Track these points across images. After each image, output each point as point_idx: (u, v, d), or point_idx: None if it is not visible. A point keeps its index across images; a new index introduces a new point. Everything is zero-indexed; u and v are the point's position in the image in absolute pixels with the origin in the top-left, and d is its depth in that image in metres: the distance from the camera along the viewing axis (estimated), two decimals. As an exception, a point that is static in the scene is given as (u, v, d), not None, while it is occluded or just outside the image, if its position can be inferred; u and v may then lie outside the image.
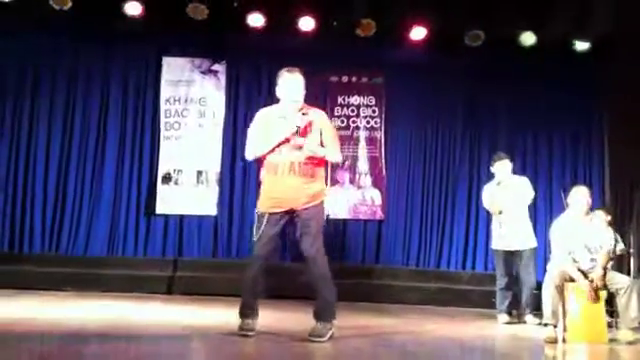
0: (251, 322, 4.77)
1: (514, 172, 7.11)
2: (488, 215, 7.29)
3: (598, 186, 8.79)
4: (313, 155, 4.74)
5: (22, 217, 8.40)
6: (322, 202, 4.82)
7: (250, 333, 4.72)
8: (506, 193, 6.86)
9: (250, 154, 4.92)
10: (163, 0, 8.23)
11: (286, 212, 4.75)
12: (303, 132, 4.73)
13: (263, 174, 4.88)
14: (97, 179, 8.61)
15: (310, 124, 4.77)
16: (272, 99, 8.74)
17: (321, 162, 4.86)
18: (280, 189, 4.73)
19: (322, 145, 4.81)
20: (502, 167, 6.96)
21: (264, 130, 4.82)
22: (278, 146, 4.72)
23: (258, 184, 8.26)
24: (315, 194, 4.78)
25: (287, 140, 4.71)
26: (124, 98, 8.80)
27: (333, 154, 4.90)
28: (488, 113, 9.14)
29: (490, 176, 8.83)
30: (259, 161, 4.92)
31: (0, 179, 8.39)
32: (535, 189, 7.17)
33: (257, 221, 4.76)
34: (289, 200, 4.72)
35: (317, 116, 4.88)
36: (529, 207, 7.03)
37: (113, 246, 8.54)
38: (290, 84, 4.85)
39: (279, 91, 4.92)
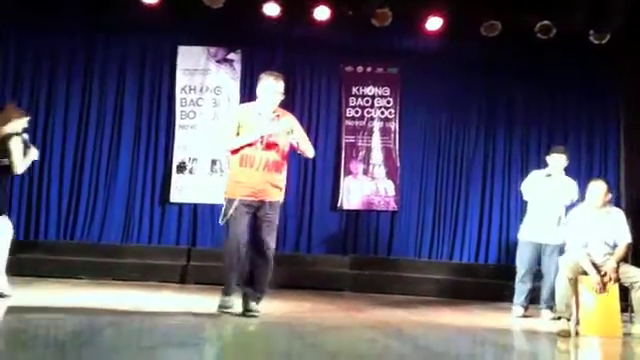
0: (231, 299, 5.25)
1: (566, 171, 6.92)
2: (519, 205, 7.16)
3: (613, 180, 8.70)
4: (297, 146, 5.28)
5: (37, 205, 8.47)
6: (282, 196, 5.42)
7: (232, 310, 5.20)
8: (550, 187, 6.73)
9: (227, 145, 5.37)
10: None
11: (257, 202, 5.22)
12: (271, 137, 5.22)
13: (235, 164, 5.27)
14: (112, 167, 8.65)
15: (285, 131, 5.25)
16: (287, 88, 8.81)
17: (286, 159, 5.41)
18: (256, 182, 5.19)
19: (291, 145, 5.34)
20: (557, 159, 6.79)
21: (240, 124, 5.26)
22: (254, 143, 5.19)
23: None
24: (280, 188, 5.35)
25: (261, 139, 5.18)
26: (140, 87, 8.83)
27: (310, 150, 5.47)
28: (503, 105, 9.08)
29: (506, 166, 8.89)
30: (232, 151, 5.32)
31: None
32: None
33: (226, 206, 5.22)
34: (263, 192, 5.22)
35: (288, 119, 5.38)
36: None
37: (127, 234, 8.60)
38: (273, 89, 5.30)
39: (260, 91, 5.35)
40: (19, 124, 5.84)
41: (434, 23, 8.38)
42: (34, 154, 5.97)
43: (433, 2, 8.25)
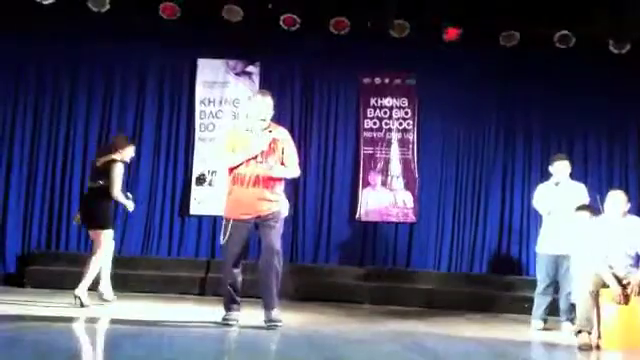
0: (235, 314, 5.37)
1: (572, 177, 6.87)
2: (538, 217, 7.11)
3: (635, 188, 8.64)
4: (271, 174, 5.36)
5: (59, 217, 8.54)
6: (280, 208, 5.51)
7: (234, 323, 5.31)
8: (561, 195, 6.67)
9: (224, 165, 5.57)
10: (198, 2, 8.29)
11: (253, 218, 5.33)
12: (268, 151, 5.37)
13: (229, 184, 5.44)
14: (132, 179, 8.68)
15: (274, 142, 5.42)
16: (305, 100, 8.94)
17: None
18: (247, 199, 5.31)
19: (283, 162, 5.47)
20: (562, 168, 6.76)
21: (233, 144, 5.44)
22: (247, 160, 5.32)
23: (298, 184, 8.38)
24: (275, 201, 5.40)
25: (254, 157, 5.32)
26: (160, 99, 8.90)
27: (291, 172, 5.56)
28: (522, 115, 9.04)
29: (525, 177, 8.83)
30: (228, 171, 5.47)
31: (38, 179, 8.54)
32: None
33: (224, 227, 5.37)
34: (256, 208, 5.31)
35: (280, 135, 5.52)
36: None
37: (147, 247, 8.65)
38: (261, 105, 5.46)
39: (249, 109, 5.57)
40: (126, 153, 6.72)
41: (452, 33, 8.36)
42: (130, 206, 6.77)
43: (451, 12, 8.25)
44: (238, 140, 5.44)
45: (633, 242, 5.76)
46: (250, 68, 8.96)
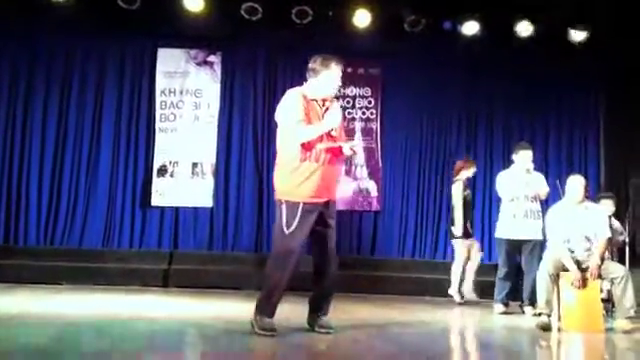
0: (272, 321, 4.54)
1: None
2: (498, 203, 7.20)
3: (594, 173, 8.81)
4: (349, 153, 4.60)
5: (17, 210, 8.39)
6: None
7: (275, 333, 4.45)
8: (525, 182, 6.75)
9: (304, 136, 4.46)
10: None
11: (323, 203, 4.52)
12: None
13: (294, 159, 4.47)
14: (92, 171, 8.58)
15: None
16: (268, 90, 8.86)
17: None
18: (322, 178, 4.46)
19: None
20: (525, 157, 6.83)
21: (304, 112, 4.51)
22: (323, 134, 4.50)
23: (262, 175, 8.30)
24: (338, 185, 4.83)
25: (329, 134, 4.53)
26: (119, 90, 8.76)
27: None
28: (484, 103, 9.14)
29: (487, 165, 8.92)
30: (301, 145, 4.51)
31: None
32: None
33: (287, 212, 4.43)
34: (330, 189, 4.56)
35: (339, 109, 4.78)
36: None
37: (108, 239, 8.52)
38: (336, 76, 4.67)
39: (320, 77, 4.64)
40: (465, 174, 7.49)
41: (414, 23, 8.38)
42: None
43: (413, 2, 8.26)
44: (309, 110, 4.53)
45: (592, 228, 5.85)
46: (211, 57, 8.88)
